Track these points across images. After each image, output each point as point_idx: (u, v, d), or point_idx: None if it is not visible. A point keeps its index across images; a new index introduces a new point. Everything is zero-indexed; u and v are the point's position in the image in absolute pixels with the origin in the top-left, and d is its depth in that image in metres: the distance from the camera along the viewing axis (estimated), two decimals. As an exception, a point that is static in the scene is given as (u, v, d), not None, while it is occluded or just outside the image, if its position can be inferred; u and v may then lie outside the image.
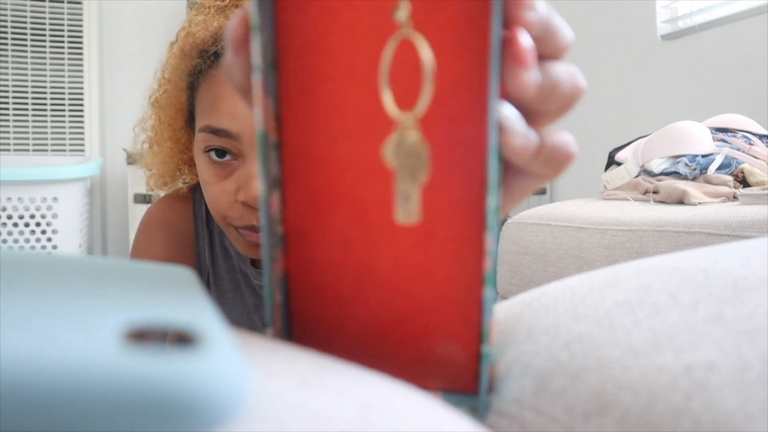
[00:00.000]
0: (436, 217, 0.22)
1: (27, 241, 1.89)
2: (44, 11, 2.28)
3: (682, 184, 1.18)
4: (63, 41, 2.31)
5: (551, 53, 0.22)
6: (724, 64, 1.81)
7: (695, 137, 1.30)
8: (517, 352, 0.23)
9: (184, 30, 0.65)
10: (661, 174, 1.29)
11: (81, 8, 2.32)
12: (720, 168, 1.23)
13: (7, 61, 2.23)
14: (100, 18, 2.37)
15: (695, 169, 1.24)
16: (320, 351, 0.23)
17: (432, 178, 0.22)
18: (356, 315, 0.24)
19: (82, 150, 2.35)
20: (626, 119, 2.14)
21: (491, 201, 0.21)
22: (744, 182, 1.21)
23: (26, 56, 2.26)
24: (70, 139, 2.34)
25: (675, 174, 1.27)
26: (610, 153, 1.50)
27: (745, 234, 0.86)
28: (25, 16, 2.26)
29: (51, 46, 2.30)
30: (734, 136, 1.34)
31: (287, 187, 0.23)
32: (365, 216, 0.23)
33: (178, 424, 0.12)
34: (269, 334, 0.23)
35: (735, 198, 1.15)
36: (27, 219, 1.87)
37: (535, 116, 0.23)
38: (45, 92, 2.29)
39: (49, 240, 1.90)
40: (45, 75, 2.29)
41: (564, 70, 0.22)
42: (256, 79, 0.21)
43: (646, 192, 1.27)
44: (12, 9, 2.24)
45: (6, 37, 2.23)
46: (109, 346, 0.12)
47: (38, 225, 1.88)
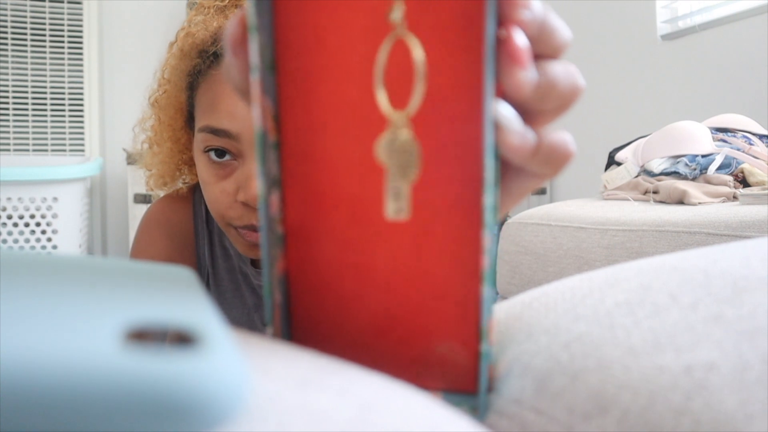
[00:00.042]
0: (435, 216, 0.22)
1: (27, 241, 1.89)
2: (44, 11, 2.28)
3: (682, 184, 1.18)
4: (63, 41, 2.31)
5: (549, 52, 0.22)
6: (724, 64, 1.81)
7: (695, 137, 1.30)
8: (517, 352, 0.23)
9: (184, 30, 0.65)
10: (661, 174, 1.29)
11: (81, 8, 2.32)
12: (720, 168, 1.23)
13: (7, 61, 2.23)
14: (100, 18, 2.37)
15: (695, 169, 1.24)
16: (320, 350, 0.23)
17: (430, 176, 0.22)
18: (356, 314, 0.24)
19: (82, 150, 2.35)
20: (626, 119, 2.14)
21: (488, 199, 0.21)
22: (744, 182, 1.21)
23: (26, 56, 2.26)
24: (70, 139, 2.34)
25: (675, 174, 1.27)
26: (610, 153, 1.50)
27: (745, 234, 0.86)
28: (25, 16, 2.26)
29: (51, 46, 2.30)
30: (734, 136, 1.34)
31: (287, 186, 0.23)
32: (364, 215, 0.23)
33: (178, 424, 0.12)
34: (269, 333, 0.23)
35: (735, 198, 1.15)
36: (27, 219, 1.87)
37: (534, 115, 0.23)
38: (45, 92, 2.29)
39: (49, 240, 1.90)
40: (45, 75, 2.29)
41: (562, 69, 0.22)
42: (254, 79, 0.21)
43: (646, 192, 1.27)
44: (12, 9, 2.24)
45: (6, 37, 2.23)
46: (110, 346, 0.12)
47: (38, 225, 1.88)
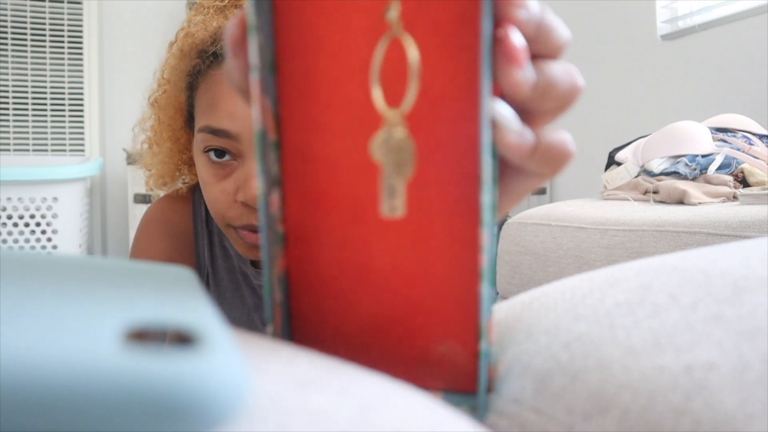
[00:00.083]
0: (434, 215, 0.22)
1: (27, 241, 1.89)
2: (44, 11, 2.28)
3: (682, 184, 1.18)
4: (63, 41, 2.31)
5: (547, 52, 0.22)
6: (724, 64, 1.81)
7: (695, 137, 1.30)
8: (517, 352, 0.23)
9: (183, 30, 0.65)
10: (661, 174, 1.29)
11: (81, 8, 2.32)
12: (720, 168, 1.23)
13: (7, 61, 2.23)
14: (100, 18, 2.37)
15: (695, 169, 1.24)
16: (321, 349, 0.23)
17: (427, 175, 0.22)
18: (356, 313, 0.24)
19: (82, 150, 2.35)
20: (626, 119, 2.14)
21: (486, 197, 0.21)
22: (744, 182, 1.21)
23: (26, 56, 2.26)
24: (70, 139, 2.34)
25: (675, 174, 1.27)
26: (610, 153, 1.50)
27: (745, 234, 0.86)
28: (25, 16, 2.26)
29: (51, 46, 2.30)
30: (734, 136, 1.34)
31: (287, 186, 0.23)
32: (364, 215, 0.23)
33: (178, 424, 0.12)
34: (269, 332, 0.23)
35: (735, 198, 1.15)
36: (27, 219, 1.87)
37: (533, 115, 0.23)
38: (45, 92, 2.29)
39: (49, 240, 1.90)
40: (45, 75, 2.29)
41: (560, 69, 0.22)
42: (253, 78, 0.21)
43: (646, 192, 1.27)
44: (12, 9, 2.24)
45: (6, 37, 2.23)
46: (109, 346, 0.12)
47: (38, 225, 1.88)
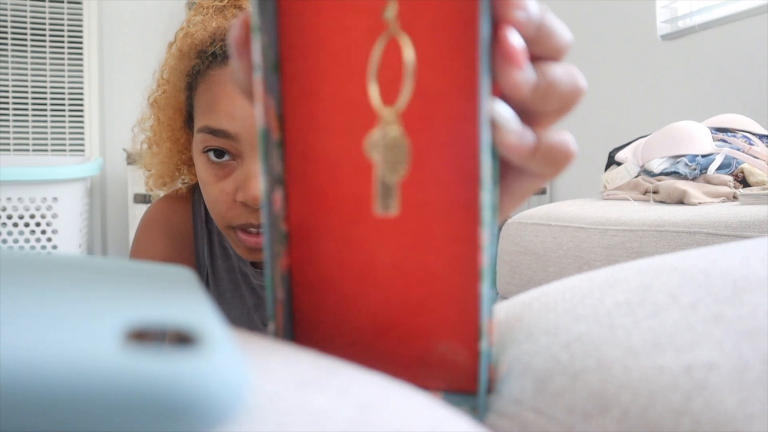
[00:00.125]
0: (434, 214, 0.22)
1: (27, 241, 1.89)
2: (44, 11, 2.28)
3: (682, 184, 1.18)
4: (63, 41, 2.31)
5: (549, 54, 0.22)
6: (724, 64, 1.81)
7: (695, 137, 1.30)
8: (517, 352, 0.23)
9: (183, 30, 0.65)
10: (661, 174, 1.29)
11: (81, 8, 2.32)
12: (720, 168, 1.23)
13: (7, 61, 2.23)
14: (100, 18, 2.37)
15: (695, 169, 1.24)
16: (322, 348, 0.23)
17: (426, 174, 0.22)
18: (356, 313, 0.24)
19: (82, 150, 2.35)
20: (626, 119, 2.14)
21: (485, 197, 0.21)
22: (744, 182, 1.21)
23: (26, 56, 2.26)
24: (70, 139, 2.34)
25: (675, 174, 1.27)
26: (610, 153, 1.50)
27: (745, 234, 0.86)
28: (25, 16, 2.26)
29: (51, 46, 2.30)
30: (734, 136, 1.34)
31: (290, 184, 0.23)
32: (364, 214, 0.23)
33: (179, 424, 0.12)
34: (271, 330, 0.23)
35: (735, 198, 1.15)
36: (27, 219, 1.87)
37: (535, 116, 0.23)
38: (45, 92, 2.29)
39: (49, 240, 1.90)
40: (45, 75, 2.29)
41: (562, 71, 0.22)
42: (256, 78, 0.21)
43: (646, 192, 1.27)
44: (12, 9, 2.24)
45: (6, 37, 2.23)
46: (110, 346, 0.12)
47: (38, 225, 1.88)
